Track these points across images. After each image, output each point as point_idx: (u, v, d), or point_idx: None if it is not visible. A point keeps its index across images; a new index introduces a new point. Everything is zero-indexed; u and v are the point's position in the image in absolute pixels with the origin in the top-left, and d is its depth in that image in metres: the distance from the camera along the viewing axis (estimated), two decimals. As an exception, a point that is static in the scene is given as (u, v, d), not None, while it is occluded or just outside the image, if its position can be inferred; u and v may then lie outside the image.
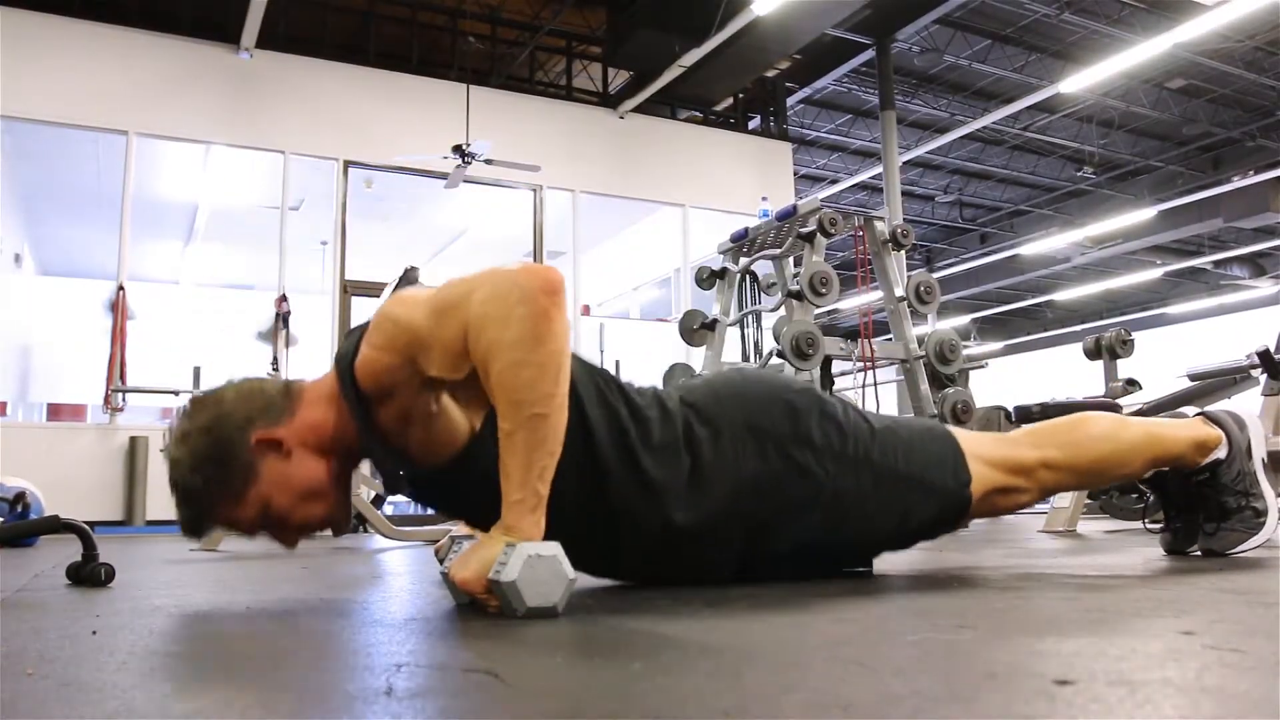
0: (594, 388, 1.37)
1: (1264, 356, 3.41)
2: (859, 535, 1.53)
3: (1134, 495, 4.00)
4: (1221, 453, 1.71)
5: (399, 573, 2.16)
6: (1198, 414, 1.76)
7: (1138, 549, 2.27)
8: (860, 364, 4.17)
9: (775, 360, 4.05)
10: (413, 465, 1.31)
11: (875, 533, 1.54)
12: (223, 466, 1.24)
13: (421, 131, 8.33)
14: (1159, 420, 1.79)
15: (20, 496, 3.75)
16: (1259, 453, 1.72)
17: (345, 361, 1.26)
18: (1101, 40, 10.26)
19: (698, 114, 10.54)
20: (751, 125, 10.88)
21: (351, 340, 1.29)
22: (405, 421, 1.27)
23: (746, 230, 4.61)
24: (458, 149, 7.70)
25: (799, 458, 1.44)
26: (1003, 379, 10.52)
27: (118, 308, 7.25)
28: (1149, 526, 2.11)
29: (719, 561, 1.47)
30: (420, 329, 1.20)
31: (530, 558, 1.09)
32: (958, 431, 1.61)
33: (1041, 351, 18.89)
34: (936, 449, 1.54)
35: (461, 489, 1.33)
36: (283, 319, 7.78)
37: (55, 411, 9.91)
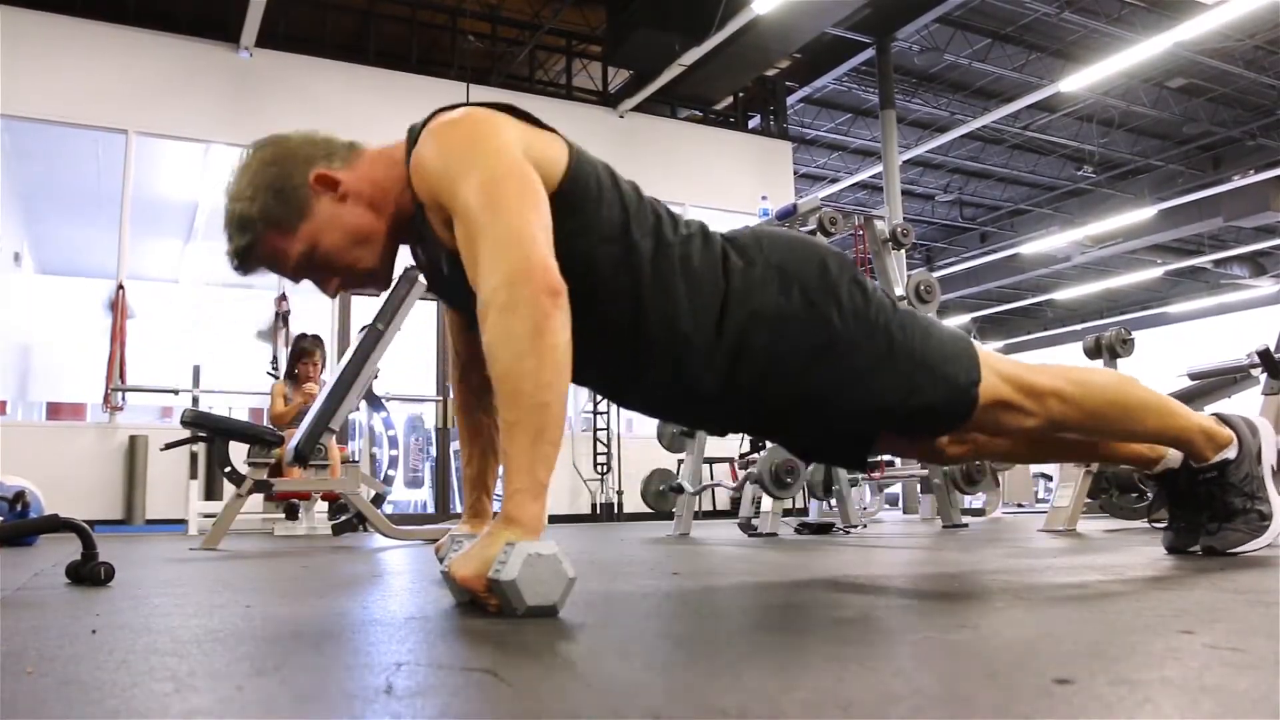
0: (650, 213, 1.40)
1: (1264, 356, 3.41)
2: (861, 397, 1.49)
3: (1134, 494, 4.01)
4: (1231, 453, 1.71)
5: (399, 572, 2.16)
6: (1212, 414, 1.76)
7: (1138, 548, 2.27)
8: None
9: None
10: (456, 260, 1.30)
11: (878, 401, 1.49)
12: (280, 196, 1.32)
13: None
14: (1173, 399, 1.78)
15: (20, 495, 3.75)
16: (1269, 458, 1.73)
17: (416, 131, 1.34)
18: (1102, 39, 10.26)
19: (698, 113, 10.54)
20: (751, 124, 10.89)
21: (424, 122, 1.34)
22: (445, 226, 1.29)
23: (746, 229, 4.60)
24: (458, 148, 7.69)
25: (821, 306, 1.44)
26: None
27: (117, 307, 7.26)
28: (1153, 523, 2.12)
29: (728, 393, 1.46)
30: (452, 195, 1.23)
31: (530, 556, 1.09)
32: (978, 343, 1.60)
33: (1042, 350, 18.91)
34: (953, 343, 1.53)
35: None
36: (282, 318, 7.79)
37: (55, 410, 9.90)
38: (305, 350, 5.58)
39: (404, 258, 1.51)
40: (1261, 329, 4.48)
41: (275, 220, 1.33)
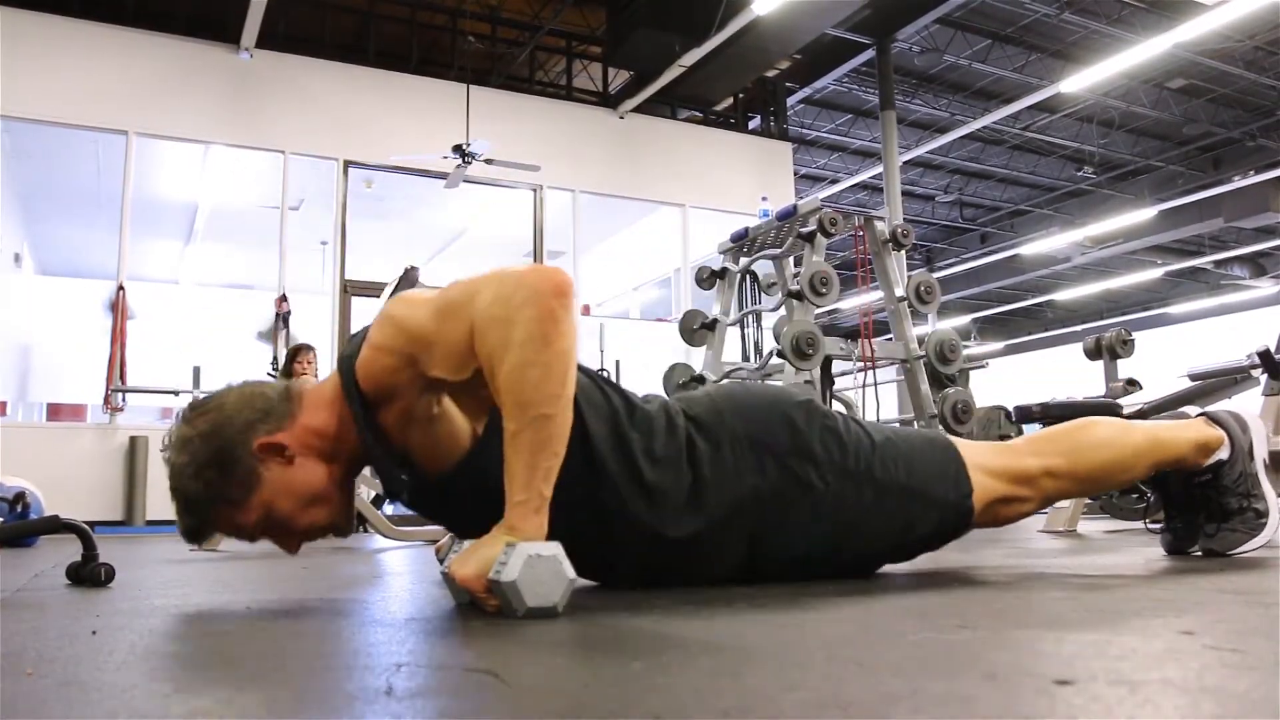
0: (600, 395, 1.37)
1: (1264, 356, 3.41)
2: (860, 548, 1.52)
3: (1134, 495, 4.00)
4: (1224, 454, 1.71)
5: (399, 572, 2.16)
6: (1200, 414, 1.76)
7: (1138, 549, 2.27)
8: (860, 364, 4.17)
9: (775, 360, 4.04)
10: (415, 471, 1.30)
11: (876, 545, 1.53)
12: (225, 472, 1.23)
13: (421, 131, 8.33)
14: (1161, 423, 1.78)
15: (20, 496, 3.75)
16: (1261, 454, 1.72)
17: (348, 363, 1.26)
18: (1102, 40, 10.26)
19: (698, 114, 10.54)
20: (752, 125, 10.88)
21: (355, 342, 1.28)
22: (407, 424, 1.26)
23: (747, 230, 4.61)
24: (458, 149, 7.70)
25: (799, 470, 1.43)
26: (1003, 379, 10.51)
27: (117, 307, 7.25)
28: (1150, 526, 2.11)
29: (718, 572, 1.47)
30: (423, 328, 1.20)
31: (530, 558, 1.09)
32: (959, 442, 1.61)
33: (1042, 351, 18.90)
34: (938, 460, 1.54)
35: (463, 498, 1.32)
36: (283, 319, 7.78)
37: (55, 411, 9.91)
38: (300, 347, 5.69)
39: (404, 258, 1.50)
40: (1262, 330, 4.47)
41: (223, 496, 1.24)
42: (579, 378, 1.29)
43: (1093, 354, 3.94)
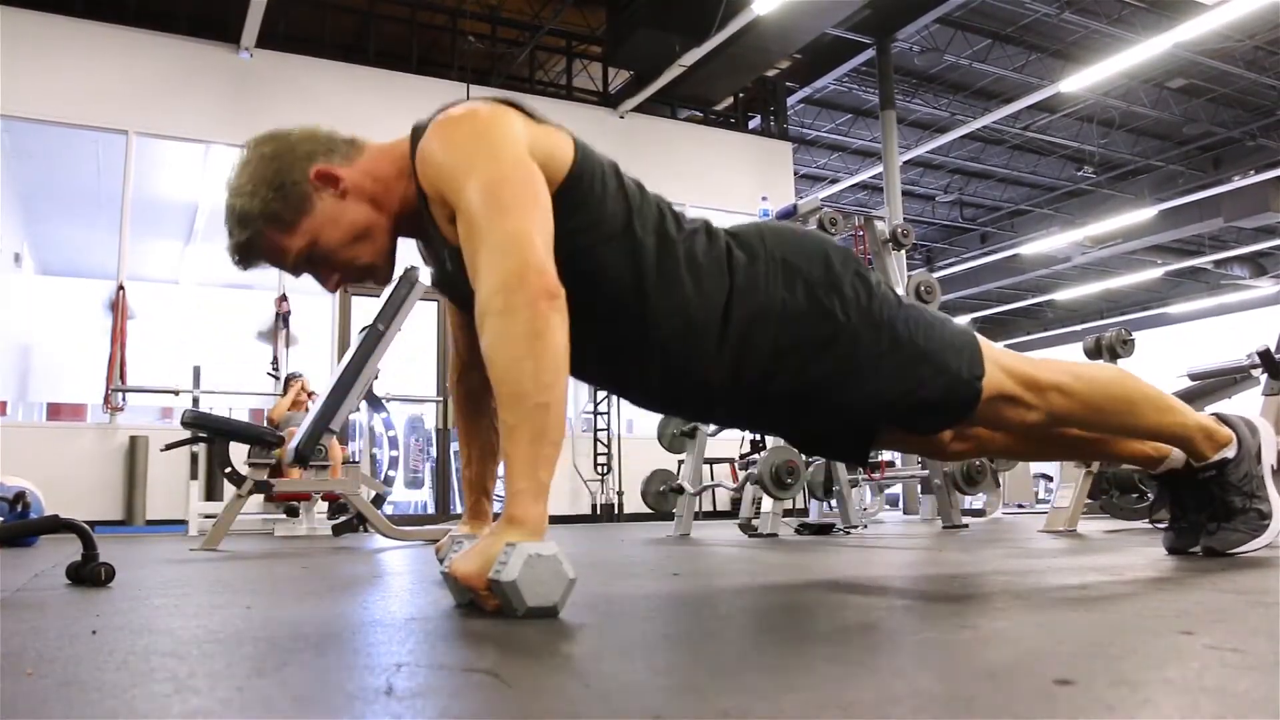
0: (654, 209, 1.40)
1: (1264, 356, 3.41)
2: (865, 392, 1.49)
3: (1134, 495, 4.01)
4: (1231, 452, 1.71)
5: (399, 572, 2.16)
6: (1211, 414, 1.76)
7: (1138, 549, 2.27)
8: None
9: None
10: (459, 255, 1.29)
11: (880, 395, 1.50)
12: (281, 192, 1.32)
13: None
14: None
15: (20, 496, 3.75)
16: (1269, 458, 1.73)
17: (421, 126, 1.34)
18: (1102, 40, 10.26)
19: (698, 114, 10.55)
20: (752, 125, 10.89)
21: (430, 117, 1.34)
22: (448, 221, 1.30)
23: (747, 230, 4.60)
24: (458, 148, 7.69)
25: (825, 301, 1.44)
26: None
27: (118, 307, 7.26)
28: (1154, 524, 2.12)
29: (729, 389, 1.46)
30: (457, 191, 1.24)
31: (531, 557, 1.09)
32: (981, 337, 1.61)
33: (1042, 351, 18.89)
34: (957, 338, 1.54)
35: None
36: (283, 319, 7.79)
37: (55, 411, 9.90)
38: (292, 375, 5.90)
39: (404, 258, 1.50)
40: (1262, 329, 4.48)
41: (276, 216, 1.33)
42: (635, 193, 1.38)
43: (1093, 354, 3.94)
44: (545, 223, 1.22)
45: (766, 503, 3.82)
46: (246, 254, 1.38)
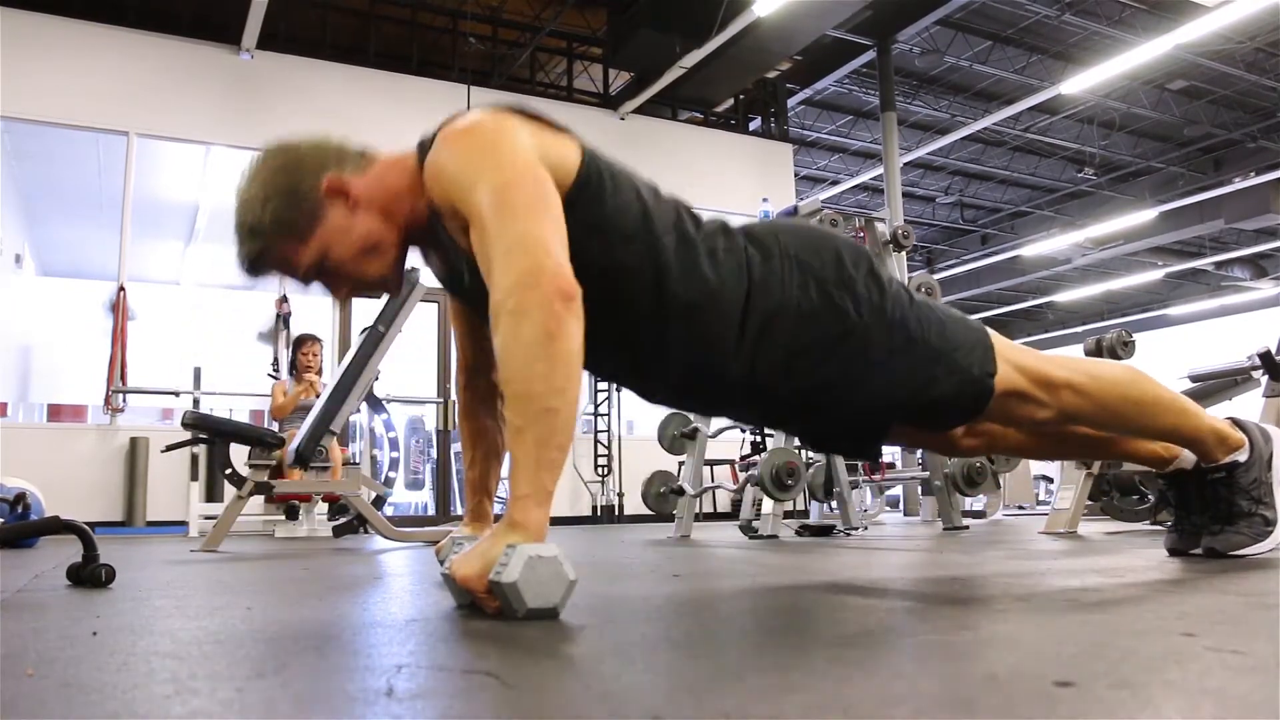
0: (671, 210, 1.41)
1: (1265, 358, 3.41)
2: (877, 390, 1.49)
3: (1135, 496, 4.00)
4: (1242, 456, 1.72)
5: (399, 573, 2.16)
6: (1227, 418, 1.77)
7: (1139, 550, 2.27)
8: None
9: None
10: (477, 267, 1.29)
11: (893, 392, 1.50)
12: (291, 203, 1.32)
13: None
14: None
15: (20, 497, 3.75)
16: (1279, 467, 1.73)
17: (428, 139, 1.35)
18: (1102, 41, 10.26)
19: (698, 115, 10.55)
20: (752, 126, 10.89)
21: (436, 128, 1.35)
22: (462, 233, 1.30)
23: (747, 231, 4.60)
24: (459, 149, 7.69)
25: (838, 299, 1.44)
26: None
27: (118, 308, 7.26)
28: (1158, 524, 2.11)
29: (745, 385, 1.46)
30: (466, 199, 1.24)
31: (531, 559, 1.09)
32: (993, 333, 1.61)
33: (1045, 352, 18.87)
34: (970, 335, 1.54)
35: None
36: (283, 320, 7.78)
37: (55, 412, 9.91)
38: (304, 338, 5.73)
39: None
40: (1262, 331, 4.47)
41: (286, 227, 1.33)
42: (649, 197, 1.38)
43: (1093, 355, 3.94)
44: (558, 224, 1.22)
45: (767, 504, 3.82)
46: (257, 265, 1.38)
